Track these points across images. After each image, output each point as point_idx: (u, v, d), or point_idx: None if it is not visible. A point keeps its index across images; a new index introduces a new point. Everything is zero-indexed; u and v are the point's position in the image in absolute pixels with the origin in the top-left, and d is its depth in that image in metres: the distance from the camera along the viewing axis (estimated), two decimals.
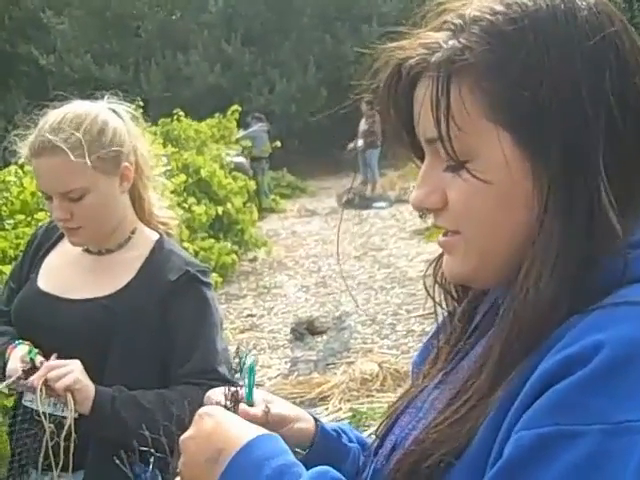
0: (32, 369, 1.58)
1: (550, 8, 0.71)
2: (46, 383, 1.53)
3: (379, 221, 11.48)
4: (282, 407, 0.95)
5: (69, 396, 1.54)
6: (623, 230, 0.70)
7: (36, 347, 1.65)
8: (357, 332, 6.00)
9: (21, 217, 4.45)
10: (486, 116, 0.71)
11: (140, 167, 1.75)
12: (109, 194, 1.67)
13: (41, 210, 4.58)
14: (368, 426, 4.21)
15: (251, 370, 0.88)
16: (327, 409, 4.51)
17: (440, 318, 0.92)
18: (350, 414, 4.39)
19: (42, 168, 1.63)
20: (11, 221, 4.43)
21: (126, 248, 1.75)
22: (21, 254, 1.92)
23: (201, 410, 0.85)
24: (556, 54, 0.69)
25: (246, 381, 0.89)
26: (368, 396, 4.60)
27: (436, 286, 0.90)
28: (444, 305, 0.90)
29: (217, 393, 0.93)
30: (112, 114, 1.70)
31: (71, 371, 1.54)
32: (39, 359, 1.60)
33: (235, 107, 11.54)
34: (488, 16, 0.72)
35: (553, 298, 0.69)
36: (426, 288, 0.90)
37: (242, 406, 0.91)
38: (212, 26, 19.59)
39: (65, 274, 1.76)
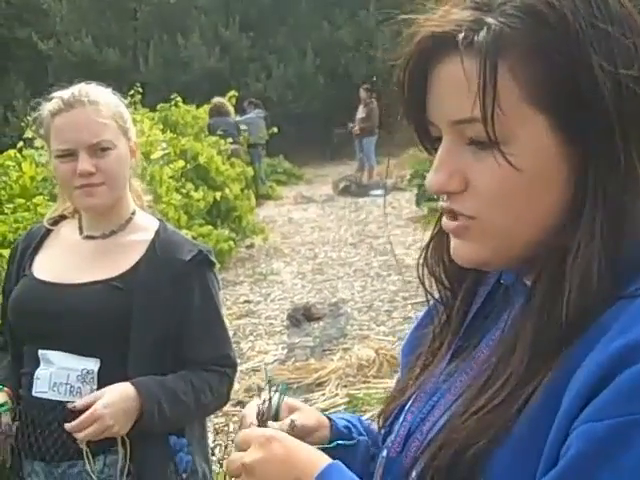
0: None
1: None
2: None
3: (375, 209, 11.49)
4: (305, 417, 0.96)
5: (119, 438, 1.60)
6: None
7: (46, 336, 1.67)
8: (353, 319, 6.03)
9: (20, 201, 4.46)
10: (525, 99, 0.69)
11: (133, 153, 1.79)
12: (126, 158, 1.72)
13: (39, 194, 4.59)
14: (364, 411, 4.24)
15: (284, 390, 0.94)
16: (324, 394, 4.54)
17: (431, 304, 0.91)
18: (347, 399, 4.43)
19: (73, 119, 1.66)
20: (10, 205, 4.44)
21: (128, 229, 1.76)
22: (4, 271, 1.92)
23: (267, 433, 0.83)
24: (592, 35, 0.69)
25: (275, 400, 0.93)
26: (365, 382, 4.63)
27: (427, 273, 0.88)
28: (435, 293, 0.89)
29: (251, 413, 0.93)
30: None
31: (105, 425, 1.55)
32: (4, 420, 1.64)
33: (232, 93, 11.54)
34: None
35: (600, 281, 0.69)
36: (419, 276, 0.89)
37: (270, 424, 0.92)
38: (210, 10, 19.52)
39: (67, 262, 1.75)
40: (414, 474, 0.78)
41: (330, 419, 0.99)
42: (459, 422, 0.74)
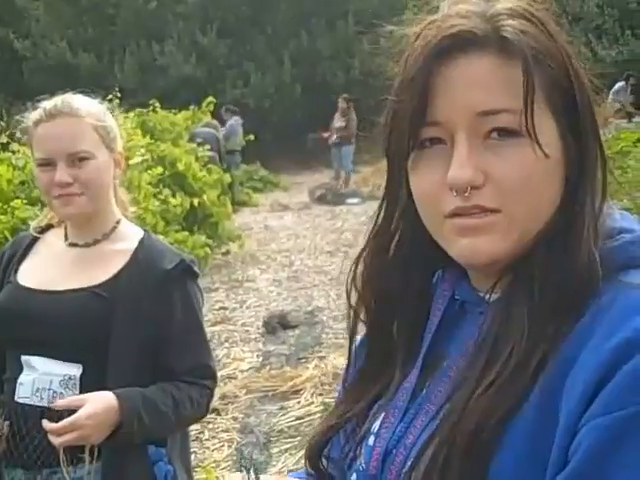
0: None
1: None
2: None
3: (352, 217, 11.53)
4: None
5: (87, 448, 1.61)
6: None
7: (29, 342, 1.68)
8: (329, 327, 6.04)
9: None
10: (543, 98, 0.77)
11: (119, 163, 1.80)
12: (107, 168, 1.73)
13: (17, 198, 4.56)
14: None
15: None
16: (299, 402, 4.56)
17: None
18: (322, 408, 4.43)
19: (54, 129, 1.67)
20: None
21: (112, 238, 1.77)
22: None
23: None
24: (564, 45, 0.79)
25: None
26: None
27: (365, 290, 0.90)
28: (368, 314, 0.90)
29: None
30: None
31: (84, 435, 1.57)
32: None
33: (210, 99, 11.55)
34: (527, 6, 0.79)
35: (588, 266, 0.74)
36: (348, 296, 0.91)
37: None
38: (188, 17, 19.47)
39: (51, 269, 1.76)
40: None
41: None
42: (471, 404, 0.73)
